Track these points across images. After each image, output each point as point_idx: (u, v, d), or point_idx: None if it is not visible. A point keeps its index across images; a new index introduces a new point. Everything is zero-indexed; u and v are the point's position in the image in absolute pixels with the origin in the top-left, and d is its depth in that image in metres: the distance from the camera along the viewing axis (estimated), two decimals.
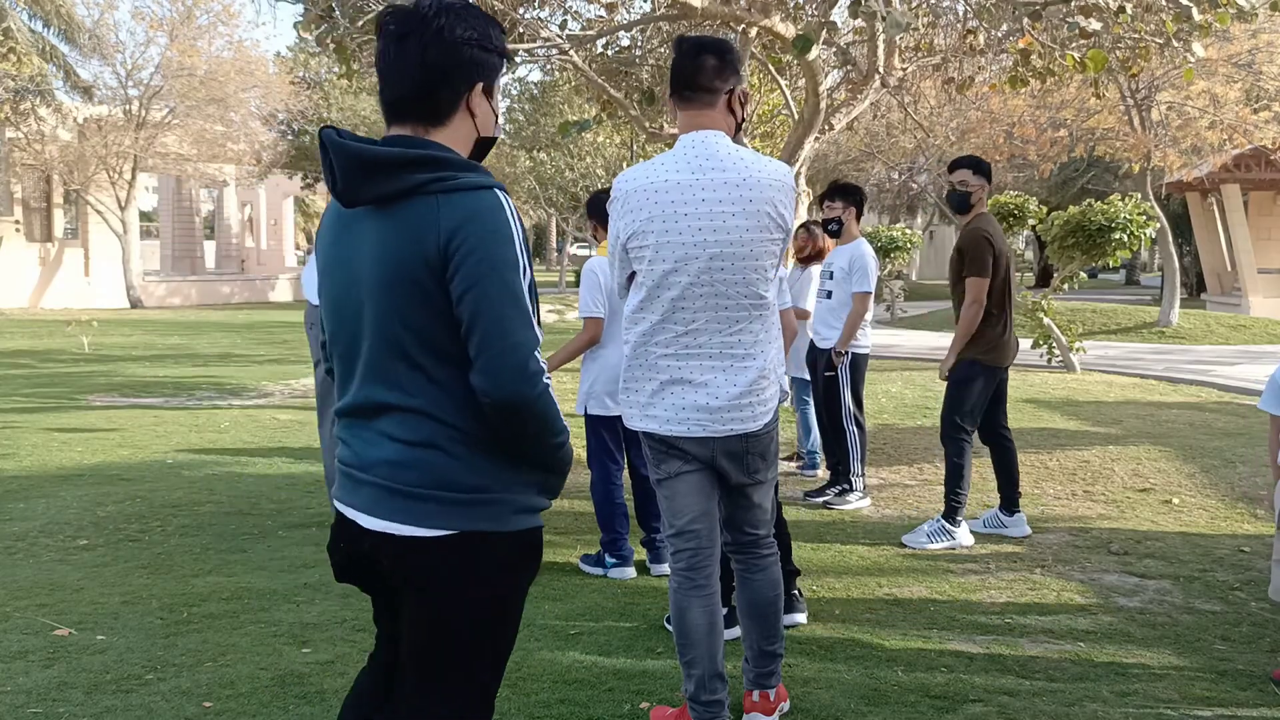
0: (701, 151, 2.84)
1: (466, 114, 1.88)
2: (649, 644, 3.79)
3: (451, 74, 1.85)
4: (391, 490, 1.84)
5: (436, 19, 1.84)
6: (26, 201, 25.95)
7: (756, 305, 2.85)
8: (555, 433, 1.86)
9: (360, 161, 1.79)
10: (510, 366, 1.76)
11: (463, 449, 1.82)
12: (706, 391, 2.84)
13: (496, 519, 1.85)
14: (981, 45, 8.24)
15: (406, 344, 1.81)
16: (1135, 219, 11.39)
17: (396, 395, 1.84)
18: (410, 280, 1.78)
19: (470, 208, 1.77)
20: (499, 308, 1.75)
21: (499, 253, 1.76)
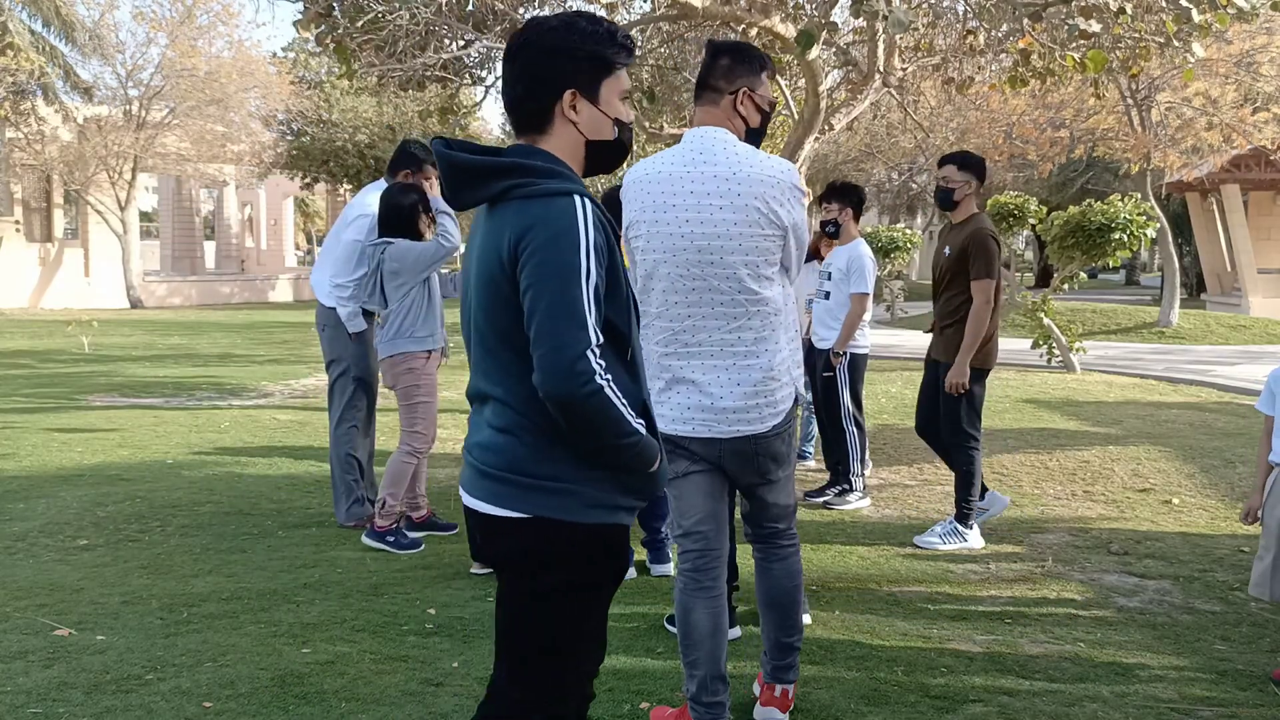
0: (698, 146, 2.87)
1: (566, 122, 1.99)
2: (649, 644, 3.79)
3: (536, 87, 1.98)
4: (479, 471, 2.00)
5: (528, 35, 2.00)
6: (26, 201, 25.95)
7: (753, 301, 2.84)
8: (619, 433, 1.91)
9: (458, 170, 1.96)
10: (558, 366, 1.83)
11: (537, 438, 1.94)
12: (710, 391, 2.85)
13: (568, 509, 1.94)
14: (981, 45, 8.24)
15: (491, 338, 1.96)
16: (1135, 219, 11.39)
17: (489, 384, 1.99)
18: (491, 278, 1.93)
19: (540, 213, 1.87)
20: (552, 309, 1.84)
21: (559, 257, 1.84)
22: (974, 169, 5.09)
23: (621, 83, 2.04)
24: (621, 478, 1.98)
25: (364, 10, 7.29)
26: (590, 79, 1.99)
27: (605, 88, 2.01)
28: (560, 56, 1.97)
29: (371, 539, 5.01)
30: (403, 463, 5.01)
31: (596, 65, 1.99)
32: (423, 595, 4.32)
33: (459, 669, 3.53)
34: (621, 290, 1.96)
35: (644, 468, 1.98)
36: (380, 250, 4.91)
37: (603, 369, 1.86)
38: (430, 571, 4.67)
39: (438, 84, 9.17)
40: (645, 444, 1.95)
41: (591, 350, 1.84)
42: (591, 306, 1.85)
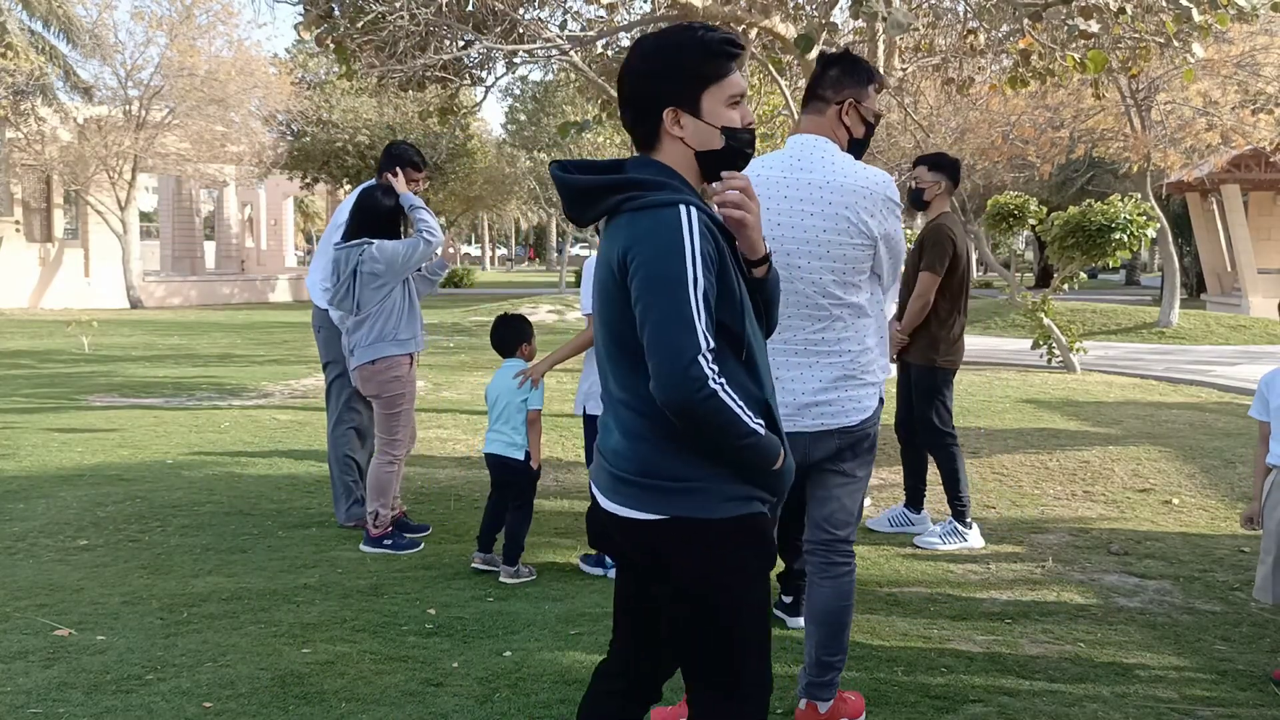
0: (798, 152, 2.97)
1: (673, 138, 2.05)
2: None
3: (639, 111, 2.07)
4: (614, 475, 2.06)
5: (629, 61, 2.07)
6: (26, 202, 25.94)
7: (838, 305, 2.92)
8: (738, 434, 1.94)
9: (573, 191, 2.05)
10: (670, 372, 1.88)
11: (665, 441, 1.99)
12: (791, 388, 2.94)
13: (704, 505, 1.99)
14: (981, 46, 8.24)
15: (613, 345, 2.04)
16: (1135, 219, 11.38)
17: (616, 388, 2.07)
18: (607, 289, 2.02)
19: (646, 225, 1.94)
20: (662, 318, 1.89)
21: (664, 267, 1.90)
22: (946, 170, 5.16)
23: (727, 89, 2.05)
24: (745, 473, 2.02)
25: (364, 11, 7.29)
26: (689, 94, 2.03)
27: (707, 99, 2.04)
28: (655, 79, 2.03)
29: (369, 546, 5.00)
30: (384, 472, 4.99)
31: (692, 80, 2.03)
32: (423, 595, 4.32)
33: (459, 669, 3.53)
34: (735, 294, 1.99)
35: (766, 466, 2.01)
36: (359, 251, 4.86)
37: (716, 373, 1.90)
38: (430, 571, 4.67)
39: (438, 84, 9.17)
40: (765, 443, 1.98)
41: (703, 355, 1.89)
42: (701, 312, 1.90)
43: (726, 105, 2.06)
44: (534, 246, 77.11)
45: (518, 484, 4.60)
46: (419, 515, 5.63)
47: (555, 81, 28.03)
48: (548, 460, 7.05)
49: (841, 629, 3.07)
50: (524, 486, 4.60)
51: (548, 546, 5.07)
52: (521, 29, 8.15)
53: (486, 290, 36.89)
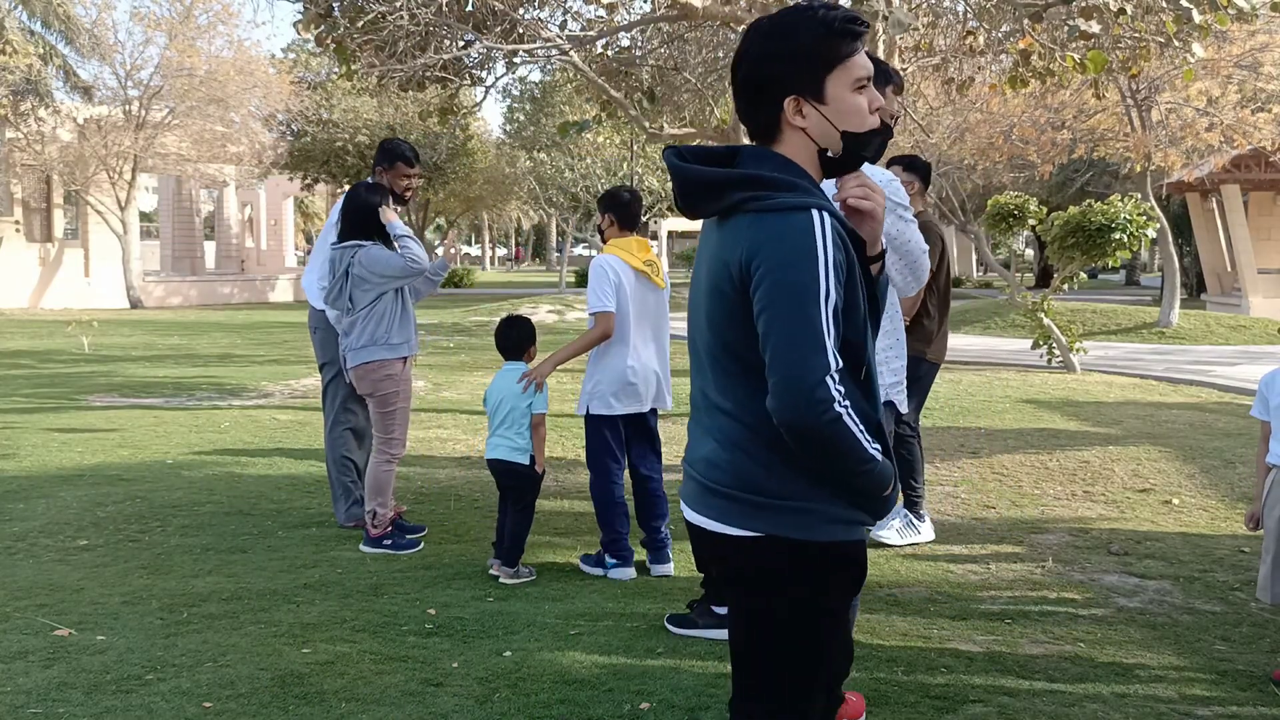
0: None
1: (793, 129, 1.89)
2: (649, 644, 3.79)
3: (756, 99, 1.90)
4: (705, 486, 1.93)
5: (744, 44, 1.91)
6: (26, 202, 25.94)
7: None
8: (857, 460, 1.81)
9: (691, 182, 1.90)
10: (793, 392, 1.75)
11: (768, 455, 1.86)
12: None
13: (803, 527, 1.86)
14: (981, 46, 8.24)
15: (719, 350, 1.90)
16: (1135, 219, 11.38)
17: (715, 395, 1.93)
18: (721, 293, 1.86)
19: (775, 229, 1.78)
20: (787, 332, 1.75)
21: (794, 276, 1.75)
22: (919, 171, 5.28)
23: (853, 72, 1.87)
24: (853, 498, 1.89)
25: (364, 11, 7.29)
26: (811, 79, 1.86)
27: (832, 84, 1.86)
28: (773, 62, 1.86)
29: (369, 546, 5.00)
30: (382, 471, 4.99)
31: (815, 63, 1.85)
32: (423, 595, 4.32)
33: (459, 669, 3.53)
34: (859, 308, 1.85)
35: (878, 493, 1.89)
36: (351, 254, 4.87)
37: (841, 395, 1.76)
38: (430, 571, 4.67)
39: (438, 84, 9.18)
40: (881, 469, 1.86)
41: (831, 376, 1.75)
42: (831, 328, 1.76)
43: (853, 90, 1.88)
44: (520, 246, 75.86)
45: (519, 487, 4.60)
46: (419, 515, 5.63)
47: (555, 82, 28.03)
48: (547, 460, 7.06)
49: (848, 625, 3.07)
50: (525, 489, 4.60)
51: (548, 546, 5.07)
52: (521, 29, 8.15)
53: (486, 290, 36.90)
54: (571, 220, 34.00)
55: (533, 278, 51.37)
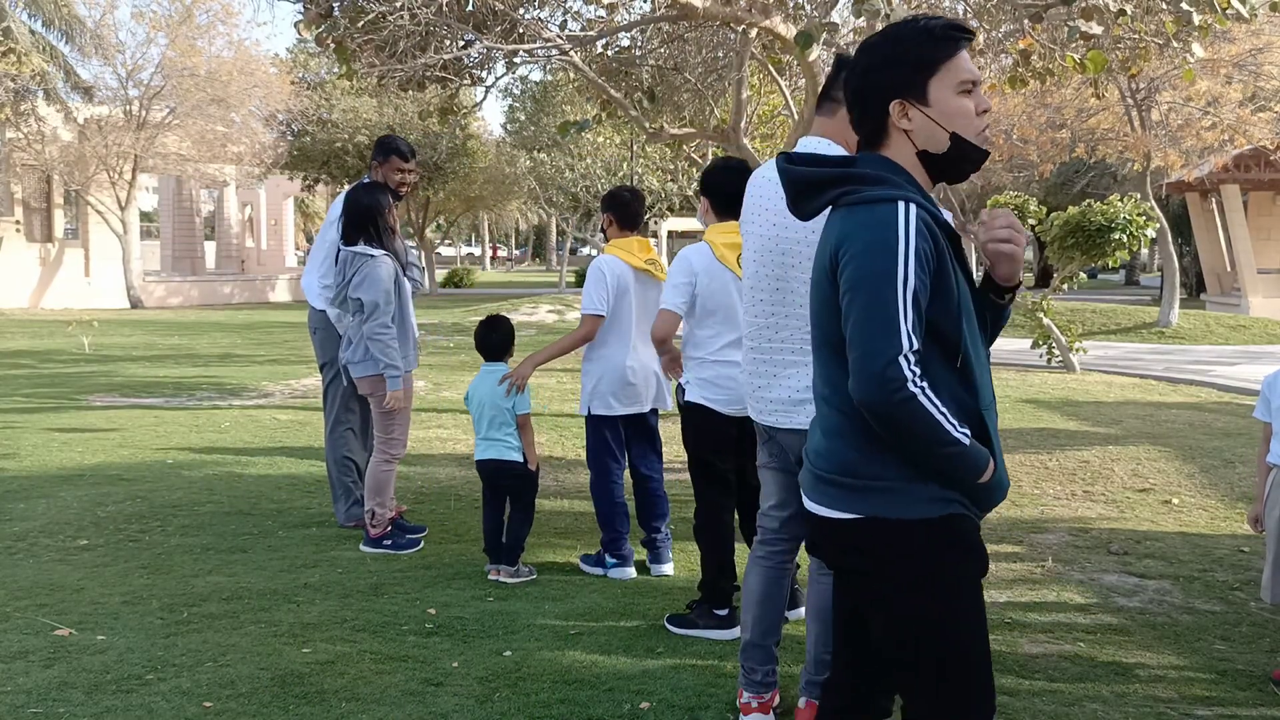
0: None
1: (899, 133, 2.00)
2: (649, 644, 3.79)
3: (864, 107, 2.02)
4: (814, 474, 2.04)
5: (855, 58, 2.04)
6: (27, 202, 25.94)
7: None
8: (937, 441, 1.87)
9: (795, 184, 2.04)
10: (867, 371, 1.84)
11: (862, 439, 1.95)
12: (786, 384, 3.00)
13: (900, 506, 1.93)
14: (981, 46, 8.24)
15: (819, 340, 2.03)
16: (1135, 219, 11.39)
17: (820, 384, 2.05)
18: (818, 282, 2.00)
19: (860, 220, 1.90)
20: (865, 315, 1.85)
21: (874, 264, 1.85)
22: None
23: (956, 74, 1.97)
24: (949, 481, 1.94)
25: (364, 10, 7.29)
26: (915, 83, 1.97)
27: (935, 86, 1.97)
28: (879, 71, 1.99)
29: (369, 546, 5.00)
30: (382, 471, 4.99)
31: (917, 67, 1.97)
32: (423, 595, 4.32)
33: (459, 669, 3.53)
34: (952, 296, 1.92)
35: (971, 477, 1.93)
36: (362, 260, 4.84)
37: (917, 375, 1.84)
38: (430, 571, 4.67)
39: (438, 84, 9.17)
40: (968, 453, 1.90)
41: (904, 356, 1.83)
42: (908, 312, 1.84)
43: (957, 92, 1.98)
44: (496, 244, 74.01)
45: (517, 486, 4.60)
46: (418, 515, 5.63)
47: (555, 82, 28.01)
48: (547, 460, 7.06)
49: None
50: (524, 488, 4.60)
51: (548, 546, 5.07)
52: (521, 29, 8.15)
53: (486, 290, 36.89)
54: (571, 220, 33.97)
55: (533, 278, 51.38)
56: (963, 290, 1.95)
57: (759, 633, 3.16)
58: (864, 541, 1.97)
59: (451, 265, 48.91)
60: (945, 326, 1.91)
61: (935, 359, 1.91)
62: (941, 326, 1.91)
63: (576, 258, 51.12)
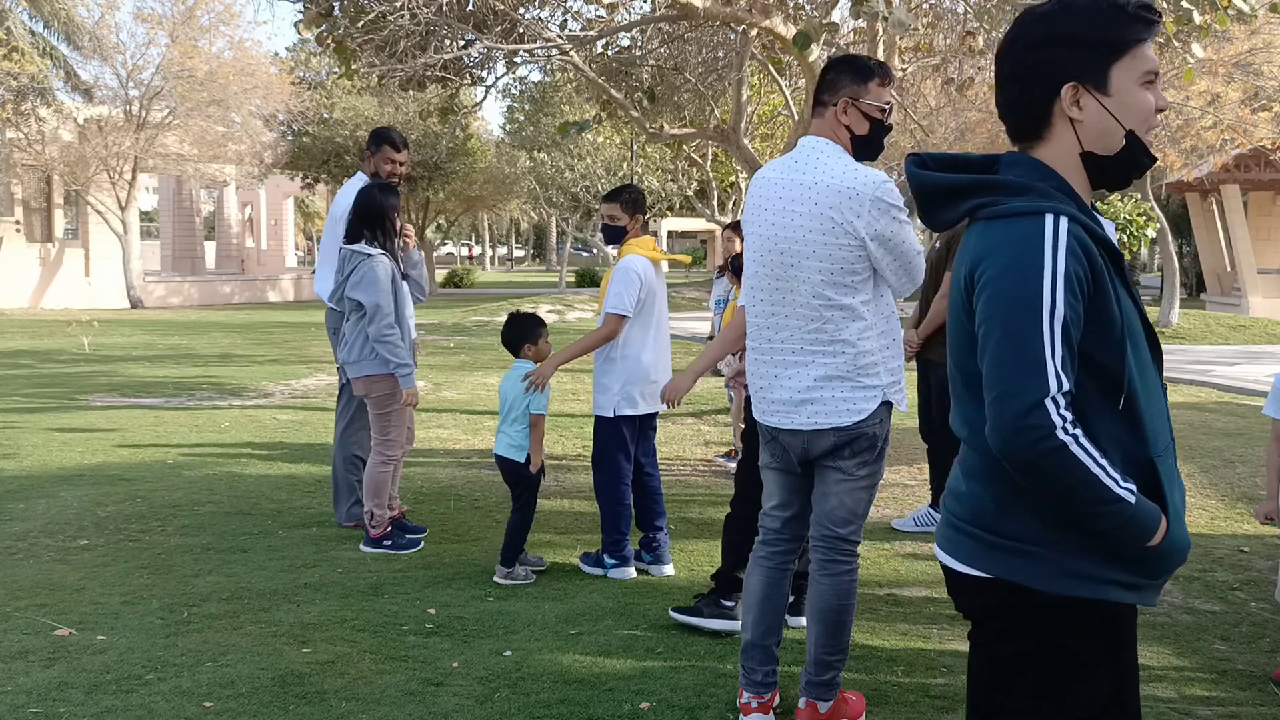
0: (797, 154, 3.03)
1: (1065, 124, 1.70)
2: (649, 644, 3.79)
3: (1026, 87, 1.71)
4: (950, 523, 1.78)
5: (1014, 30, 1.74)
6: (27, 202, 25.95)
7: (829, 306, 2.94)
8: (1093, 498, 1.57)
9: (927, 191, 1.78)
10: (1006, 416, 1.57)
11: (999, 488, 1.68)
12: (785, 385, 3.01)
13: (1038, 575, 1.65)
14: (981, 46, 8.24)
15: (956, 372, 1.77)
16: (1135, 219, 11.40)
17: (957, 421, 1.78)
18: (954, 309, 1.74)
19: (999, 237, 1.63)
20: (1002, 349, 1.59)
21: (1013, 290, 1.58)
22: None
23: (1142, 63, 1.66)
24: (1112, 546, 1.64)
25: (364, 10, 7.29)
26: (1095, 66, 1.66)
27: (1118, 74, 1.66)
28: (1051, 46, 1.67)
29: (369, 546, 5.00)
30: (379, 472, 4.99)
31: (1102, 47, 1.66)
32: (423, 595, 4.32)
33: (459, 669, 3.53)
34: (1114, 325, 1.62)
35: (1138, 540, 1.61)
36: (359, 261, 4.85)
37: (1068, 421, 1.55)
38: (430, 571, 4.67)
39: (438, 84, 9.18)
40: (1134, 512, 1.59)
41: (1052, 399, 1.55)
42: (1057, 347, 1.55)
43: (1140, 83, 1.67)
44: (471, 245, 72.45)
45: (513, 485, 4.61)
46: (419, 515, 5.63)
47: (555, 82, 28.01)
48: (546, 459, 7.06)
49: (841, 628, 3.08)
50: (521, 488, 4.60)
51: (548, 546, 5.07)
52: (521, 29, 8.15)
53: (486, 290, 36.89)
54: (571, 220, 33.97)
55: (533, 278, 51.39)
56: (1127, 315, 1.64)
57: (759, 633, 3.17)
58: (991, 602, 1.71)
59: (450, 265, 48.92)
60: (1105, 360, 1.61)
61: (1093, 399, 1.61)
62: (1100, 360, 1.61)
63: (578, 258, 51.14)
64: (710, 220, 21.88)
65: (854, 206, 2.88)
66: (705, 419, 8.75)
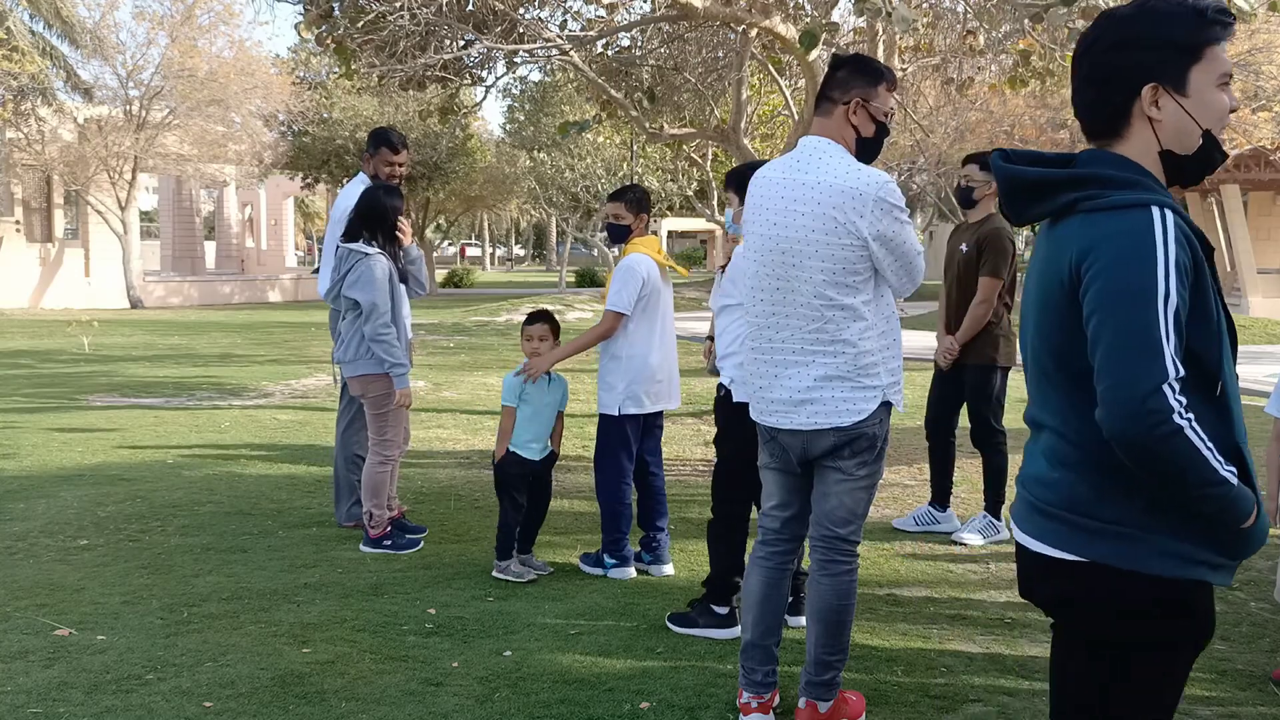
0: (799, 154, 3.02)
1: (1145, 124, 1.76)
2: (649, 644, 3.79)
3: (1106, 88, 1.77)
4: (1033, 505, 1.82)
5: (1094, 31, 1.79)
6: (27, 202, 25.95)
7: (830, 306, 2.94)
8: (1203, 481, 1.63)
9: (1016, 185, 1.81)
10: (1124, 402, 1.61)
11: (1098, 475, 1.73)
12: (787, 384, 3.00)
13: (1134, 557, 1.70)
14: (981, 46, 8.24)
15: (1049, 363, 1.79)
16: None
17: (1045, 413, 1.83)
18: (1051, 301, 1.76)
19: (1108, 228, 1.67)
20: (1118, 336, 1.63)
21: (1127, 279, 1.63)
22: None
23: (1219, 65, 1.74)
24: (1205, 527, 1.71)
25: (364, 10, 7.29)
26: (1174, 68, 1.73)
27: (1196, 75, 1.73)
28: (1130, 49, 1.74)
29: (369, 546, 5.00)
30: (377, 473, 4.99)
31: (1181, 51, 1.73)
32: (423, 595, 4.32)
33: (459, 669, 3.53)
34: (1211, 316, 1.68)
35: (1232, 522, 1.69)
36: (356, 260, 4.86)
37: (1183, 407, 1.61)
38: (430, 571, 4.67)
39: (438, 84, 9.18)
40: (1236, 495, 1.66)
41: (1169, 385, 1.60)
42: (1170, 333, 1.61)
43: (1217, 84, 1.75)
44: (463, 245, 71.94)
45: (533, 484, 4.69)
46: (418, 515, 5.63)
47: (555, 82, 28.00)
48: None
49: (841, 628, 3.08)
50: (496, 485, 4.65)
51: (548, 546, 5.07)
52: (521, 29, 8.15)
53: (486, 290, 36.89)
54: (571, 220, 33.98)
55: (533, 277, 51.38)
56: (1220, 313, 1.72)
57: (759, 633, 3.17)
58: (1084, 586, 1.75)
59: (450, 265, 48.91)
60: (1202, 349, 1.68)
61: (1192, 388, 1.67)
62: (1197, 349, 1.67)
63: (579, 257, 51.13)
64: (710, 220, 21.89)
65: (857, 207, 2.88)
66: (705, 419, 8.75)
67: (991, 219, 5.25)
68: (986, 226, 5.22)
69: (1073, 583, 1.76)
